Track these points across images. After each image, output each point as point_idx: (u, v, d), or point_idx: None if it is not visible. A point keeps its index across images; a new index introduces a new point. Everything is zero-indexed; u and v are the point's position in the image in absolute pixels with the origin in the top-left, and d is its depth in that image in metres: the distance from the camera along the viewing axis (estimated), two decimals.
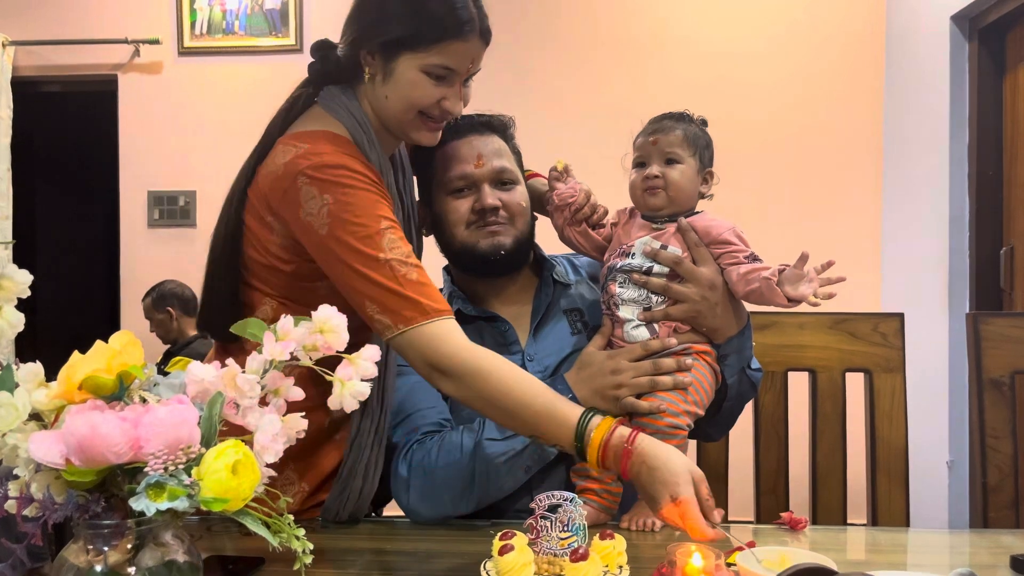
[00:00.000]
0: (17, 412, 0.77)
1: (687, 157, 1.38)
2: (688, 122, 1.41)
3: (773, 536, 1.31)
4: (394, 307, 1.21)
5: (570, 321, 1.50)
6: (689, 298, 1.34)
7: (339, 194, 1.23)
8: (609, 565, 0.89)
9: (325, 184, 1.23)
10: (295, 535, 0.82)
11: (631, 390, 1.33)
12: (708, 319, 1.35)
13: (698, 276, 1.34)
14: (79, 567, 0.77)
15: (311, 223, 1.24)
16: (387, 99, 1.31)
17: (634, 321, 1.36)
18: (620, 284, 1.38)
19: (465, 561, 1.16)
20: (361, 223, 1.23)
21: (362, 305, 1.23)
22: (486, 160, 1.45)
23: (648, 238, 1.38)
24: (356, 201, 1.23)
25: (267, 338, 0.89)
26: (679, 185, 1.38)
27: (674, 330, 1.36)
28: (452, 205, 1.46)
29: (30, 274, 0.92)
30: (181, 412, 0.77)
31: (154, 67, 3.97)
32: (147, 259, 3.97)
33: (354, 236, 1.22)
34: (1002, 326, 1.61)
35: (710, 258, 1.36)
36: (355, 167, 1.25)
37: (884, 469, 1.64)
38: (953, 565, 1.07)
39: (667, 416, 1.31)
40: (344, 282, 1.25)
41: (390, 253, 1.23)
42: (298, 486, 1.35)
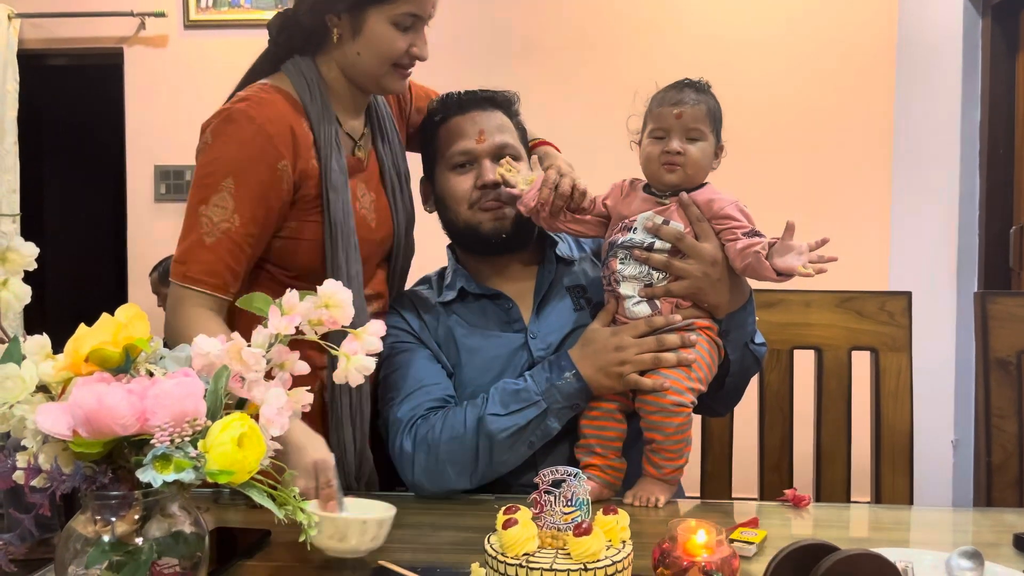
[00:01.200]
0: (24, 384, 0.78)
1: (708, 133, 1.35)
2: (709, 94, 1.37)
3: (776, 513, 1.32)
4: (180, 255, 1.32)
5: (573, 298, 1.49)
6: (691, 274, 1.33)
7: (219, 137, 1.32)
8: (612, 540, 0.89)
9: (221, 124, 1.33)
10: (300, 507, 0.83)
11: (634, 367, 1.33)
12: (710, 295, 1.34)
13: (700, 252, 1.33)
14: (87, 537, 0.78)
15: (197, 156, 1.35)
16: (359, 56, 1.36)
17: (635, 298, 1.35)
18: (621, 261, 1.36)
19: (469, 535, 1.17)
20: (210, 171, 1.32)
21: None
22: (488, 135, 1.45)
23: (650, 213, 1.36)
24: (223, 151, 1.31)
25: (272, 313, 0.89)
26: (700, 164, 1.35)
27: (676, 306, 1.35)
28: (454, 181, 1.46)
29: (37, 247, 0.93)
30: (187, 385, 0.77)
31: (159, 40, 3.95)
32: (154, 233, 3.96)
33: (198, 179, 1.33)
34: (1010, 305, 1.61)
35: (712, 233, 1.34)
36: (257, 123, 1.31)
37: (888, 448, 1.64)
38: (956, 543, 1.08)
39: (671, 393, 1.31)
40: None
41: (210, 210, 1.31)
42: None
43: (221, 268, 1.31)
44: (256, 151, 1.31)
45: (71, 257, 5.33)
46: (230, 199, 1.30)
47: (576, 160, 1.55)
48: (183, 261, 1.32)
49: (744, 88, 3.51)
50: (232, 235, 1.30)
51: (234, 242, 1.31)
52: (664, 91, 1.37)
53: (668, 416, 1.31)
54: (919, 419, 1.66)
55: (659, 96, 1.37)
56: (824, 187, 3.65)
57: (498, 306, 1.48)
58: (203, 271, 1.30)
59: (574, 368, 1.35)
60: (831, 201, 3.63)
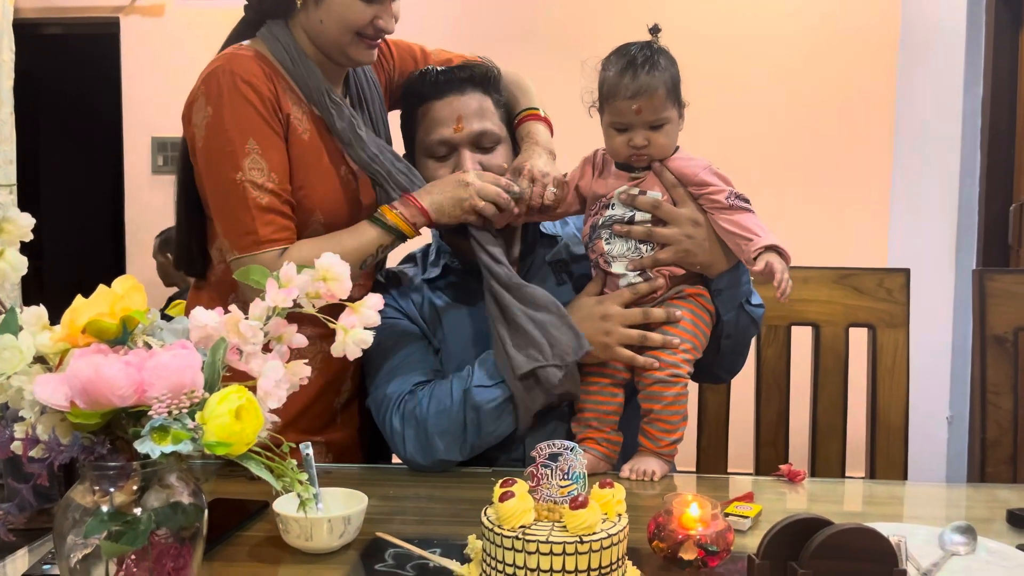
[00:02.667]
0: (22, 355, 0.78)
1: (671, 112, 1.32)
2: (660, 66, 1.29)
3: (771, 488, 1.33)
4: (233, 231, 1.30)
5: (555, 272, 1.49)
6: (674, 239, 1.33)
7: (221, 107, 1.30)
8: (608, 513, 0.90)
9: (214, 95, 1.30)
10: (298, 479, 0.83)
11: (618, 338, 1.33)
12: (698, 256, 1.34)
13: (678, 216, 1.33)
14: (86, 507, 0.78)
15: (194, 133, 1.33)
16: (322, 23, 1.35)
17: (628, 275, 1.35)
18: (607, 240, 1.36)
19: (466, 507, 1.17)
20: (229, 138, 1.29)
21: (217, 221, 1.33)
22: (466, 123, 1.42)
23: (624, 186, 1.35)
24: (233, 116, 1.29)
25: (270, 285, 0.89)
26: (667, 146, 1.33)
27: (670, 276, 1.35)
28: (433, 170, 1.44)
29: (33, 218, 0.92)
30: (184, 357, 0.77)
31: (156, 9, 3.91)
32: (152, 206, 3.95)
33: (218, 151, 1.30)
34: (1008, 283, 1.61)
35: (688, 198, 1.34)
36: (250, 80, 1.30)
37: (884, 424, 1.65)
38: (950, 518, 1.08)
39: (667, 366, 1.31)
40: (208, 196, 1.34)
41: (248, 174, 1.29)
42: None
43: (286, 222, 1.32)
44: (261, 106, 1.31)
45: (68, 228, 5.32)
46: (261, 159, 1.30)
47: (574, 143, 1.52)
48: (248, 231, 1.29)
49: (745, 63, 3.48)
50: (279, 192, 1.31)
51: (283, 198, 1.32)
52: (616, 74, 1.30)
53: (666, 386, 1.32)
54: (915, 395, 1.67)
55: (612, 81, 1.30)
56: (825, 163, 3.64)
57: (482, 282, 1.47)
58: (274, 231, 1.30)
59: None
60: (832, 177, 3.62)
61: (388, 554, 1.03)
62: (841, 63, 3.60)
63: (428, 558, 1.00)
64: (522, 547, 0.85)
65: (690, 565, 0.96)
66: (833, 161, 3.64)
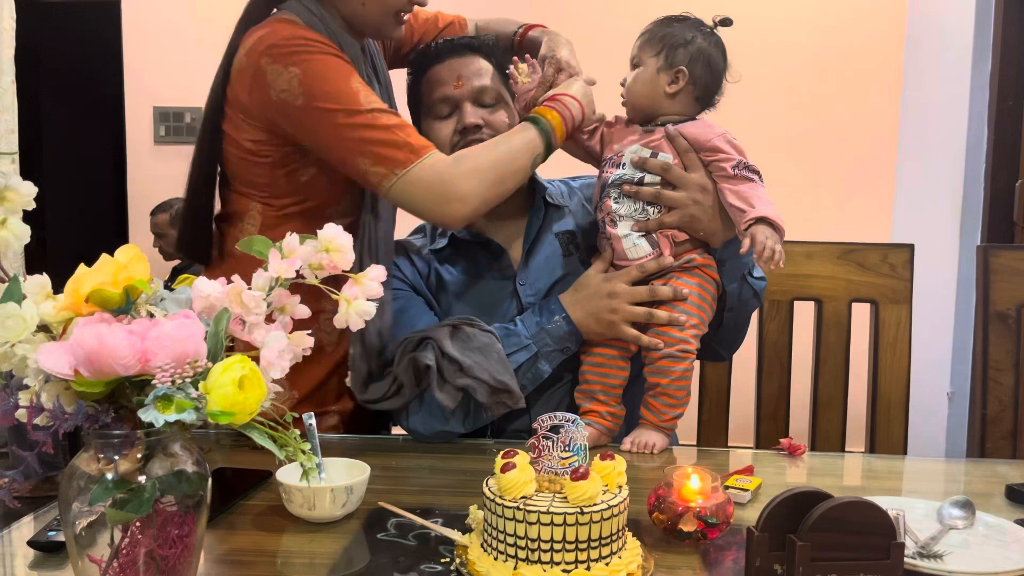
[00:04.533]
0: (25, 323, 0.78)
1: (647, 59, 1.36)
2: (668, 24, 1.37)
3: (771, 461, 1.34)
4: (388, 153, 1.27)
5: (562, 243, 1.49)
6: (681, 203, 1.33)
7: (305, 63, 1.27)
8: (609, 485, 0.91)
9: (288, 57, 1.27)
10: (301, 449, 0.84)
11: (625, 316, 1.33)
12: (703, 223, 1.34)
13: (687, 181, 1.33)
14: (90, 475, 0.78)
15: (284, 99, 1.27)
16: (363, 5, 1.35)
17: (632, 236, 1.35)
18: (615, 200, 1.36)
19: (468, 478, 1.18)
20: (334, 84, 1.27)
21: (353, 163, 1.28)
22: (465, 80, 1.44)
23: (637, 147, 1.36)
24: (323, 66, 1.27)
25: (272, 256, 0.89)
26: (632, 90, 1.37)
27: (675, 242, 1.34)
28: (436, 128, 1.44)
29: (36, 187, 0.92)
30: (187, 327, 0.77)
31: None
32: (154, 176, 3.94)
33: (331, 98, 1.27)
34: (1012, 259, 1.60)
35: (699, 164, 1.34)
36: (312, 36, 1.29)
37: (884, 399, 1.65)
38: (949, 493, 1.09)
39: (676, 341, 1.32)
40: (331, 145, 1.29)
41: (369, 103, 1.27)
42: (288, 393, 1.39)
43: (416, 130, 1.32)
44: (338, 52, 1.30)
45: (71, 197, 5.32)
46: (368, 93, 1.29)
47: None
48: (402, 144, 1.27)
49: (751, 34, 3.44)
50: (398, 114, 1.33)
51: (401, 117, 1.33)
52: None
53: (675, 361, 1.32)
54: (916, 370, 1.67)
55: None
56: (829, 137, 3.61)
57: (488, 253, 1.48)
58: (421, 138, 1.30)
59: (564, 312, 1.36)
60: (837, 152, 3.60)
61: (390, 524, 1.04)
62: (848, 38, 3.56)
63: (430, 528, 1.01)
64: (523, 517, 0.86)
65: (690, 537, 0.97)
66: (838, 136, 3.61)
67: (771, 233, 1.26)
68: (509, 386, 1.29)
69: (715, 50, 1.36)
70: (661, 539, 1.00)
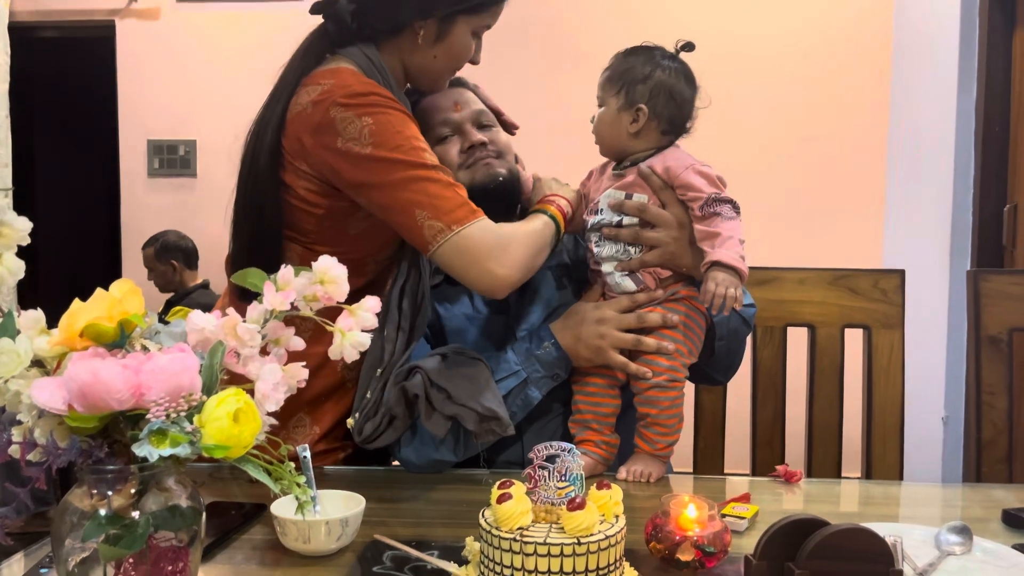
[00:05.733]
0: (19, 358, 0.78)
1: (608, 98, 1.36)
2: (626, 58, 1.37)
3: (768, 488, 1.33)
4: (447, 207, 1.26)
5: (555, 276, 1.49)
6: (661, 242, 1.33)
7: (377, 114, 1.27)
8: (605, 514, 0.90)
9: (361, 108, 1.27)
10: (296, 482, 0.83)
11: (613, 341, 1.33)
12: (684, 258, 1.34)
13: (664, 219, 1.33)
14: (83, 511, 0.78)
15: (351, 147, 1.27)
16: (435, 59, 1.38)
17: (616, 274, 1.36)
18: (597, 243, 1.37)
19: (464, 509, 1.17)
20: (405, 137, 1.27)
21: (410, 214, 1.27)
22: (463, 105, 1.46)
23: (611, 191, 1.36)
24: (394, 120, 1.28)
25: (267, 288, 0.89)
26: (598, 131, 1.38)
27: (658, 278, 1.35)
28: (441, 152, 1.43)
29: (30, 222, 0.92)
30: (182, 360, 0.77)
31: (151, 13, 3.91)
32: (147, 209, 3.95)
33: (400, 149, 1.27)
34: (1002, 283, 1.61)
35: (675, 199, 1.34)
36: (383, 91, 1.30)
37: (879, 424, 1.65)
38: (945, 518, 1.09)
39: (664, 371, 1.32)
40: (390, 195, 1.28)
41: (432, 162, 1.29)
42: (309, 429, 1.39)
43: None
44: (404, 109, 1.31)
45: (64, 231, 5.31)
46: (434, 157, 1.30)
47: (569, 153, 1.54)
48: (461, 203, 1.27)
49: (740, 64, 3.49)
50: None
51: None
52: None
53: (663, 390, 1.32)
54: (910, 396, 1.67)
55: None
56: (820, 164, 3.65)
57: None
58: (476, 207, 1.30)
59: (553, 338, 1.36)
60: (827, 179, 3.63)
61: (386, 556, 1.04)
62: (835, 65, 3.61)
63: (426, 560, 1.00)
64: (520, 549, 0.85)
65: (687, 566, 0.97)
66: (828, 163, 3.64)
67: (723, 278, 1.25)
68: (497, 413, 1.28)
69: (676, 80, 1.35)
70: (659, 568, 0.99)
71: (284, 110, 1.32)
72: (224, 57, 3.78)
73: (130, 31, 3.93)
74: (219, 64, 3.78)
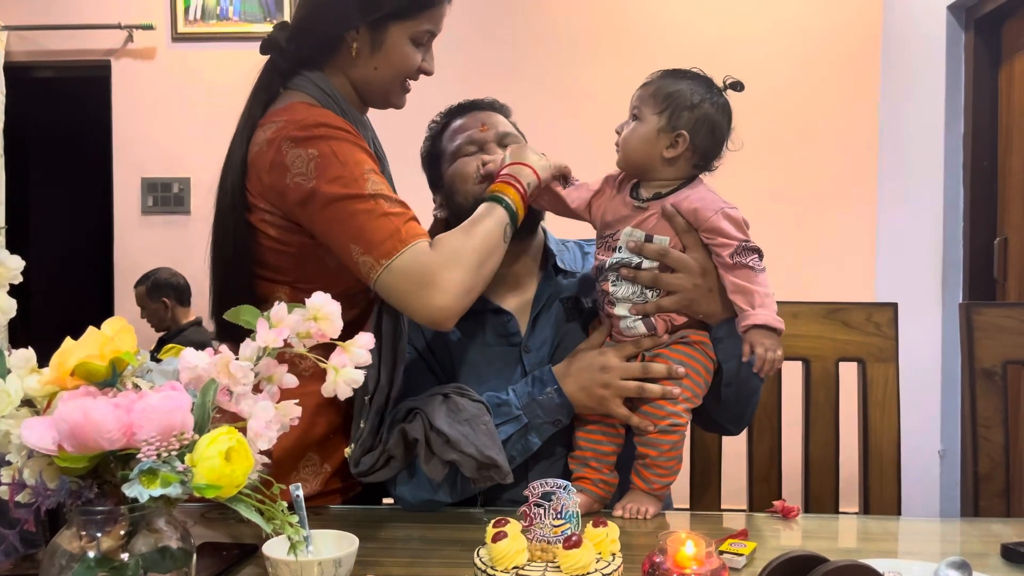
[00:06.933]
0: (9, 398, 0.77)
1: (648, 114, 1.31)
2: (677, 78, 1.33)
3: (766, 524, 1.32)
4: (376, 240, 1.23)
5: (566, 308, 1.47)
6: (681, 287, 1.31)
7: (322, 146, 1.26)
8: (602, 552, 0.89)
9: (308, 141, 1.26)
10: (288, 522, 0.82)
11: (616, 391, 1.31)
12: (702, 305, 1.32)
13: (687, 265, 1.31)
14: (72, 553, 0.77)
15: (299, 182, 1.26)
16: (376, 70, 1.36)
17: (629, 317, 1.33)
18: (613, 283, 1.34)
19: (459, 548, 1.16)
20: (347, 169, 1.26)
21: (348, 251, 1.25)
22: (490, 126, 1.49)
23: (630, 229, 1.32)
24: (339, 150, 1.26)
25: (260, 325, 0.89)
26: (627, 143, 1.32)
27: (670, 323, 1.33)
28: (461, 163, 1.46)
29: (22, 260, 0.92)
30: (174, 399, 0.76)
31: (147, 53, 3.95)
32: (141, 246, 3.95)
33: (339, 182, 1.25)
34: (994, 316, 1.62)
35: (699, 243, 1.31)
36: (333, 122, 1.29)
37: (876, 458, 1.64)
38: (944, 553, 1.08)
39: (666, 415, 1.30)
40: (329, 231, 1.27)
41: (375, 187, 1.26)
42: (320, 467, 1.37)
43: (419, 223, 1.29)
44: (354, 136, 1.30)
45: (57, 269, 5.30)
46: (378, 178, 1.27)
47: None
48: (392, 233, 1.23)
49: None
50: (402, 200, 1.29)
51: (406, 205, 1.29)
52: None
53: (664, 434, 1.31)
54: (906, 429, 1.67)
55: None
56: (810, 198, 3.68)
57: (496, 320, 1.47)
58: (415, 226, 1.27)
59: (556, 383, 1.34)
60: (817, 212, 3.66)
61: None
62: (823, 101, 3.66)
63: None
64: None
65: None
66: (819, 197, 3.68)
67: (770, 342, 1.25)
68: (496, 461, 1.27)
69: (721, 116, 1.33)
70: None
71: (245, 152, 1.33)
72: (218, 96, 3.80)
73: (126, 71, 3.97)
74: (214, 103, 3.81)
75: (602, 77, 3.67)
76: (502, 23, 3.77)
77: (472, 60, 3.62)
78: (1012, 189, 2.89)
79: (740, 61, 3.63)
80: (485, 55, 3.71)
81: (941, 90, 3.07)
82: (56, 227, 5.57)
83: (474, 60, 3.65)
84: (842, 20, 3.67)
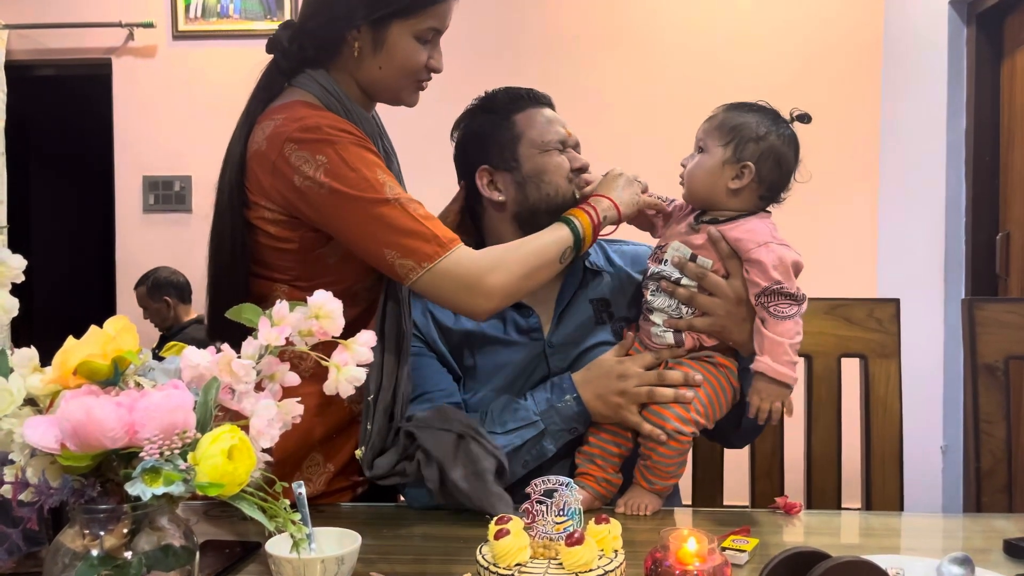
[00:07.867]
0: (12, 397, 0.77)
1: (714, 146, 1.32)
2: (743, 110, 1.34)
3: (768, 520, 1.32)
4: (414, 246, 1.25)
5: (595, 310, 1.47)
6: (715, 311, 1.31)
7: (330, 151, 1.25)
8: (604, 549, 0.89)
9: (314, 144, 1.25)
10: (291, 520, 0.82)
11: (631, 399, 1.31)
12: (734, 333, 1.32)
13: (722, 290, 1.31)
14: (75, 551, 0.77)
15: (309, 187, 1.25)
16: (380, 70, 1.35)
17: (661, 327, 1.34)
18: (652, 292, 1.35)
19: (461, 545, 1.16)
20: (360, 174, 1.25)
21: (379, 254, 1.26)
22: (573, 133, 1.49)
23: (678, 243, 1.34)
24: (348, 155, 1.25)
25: (262, 323, 0.89)
26: (692, 175, 1.34)
27: (700, 344, 1.33)
28: (558, 159, 1.44)
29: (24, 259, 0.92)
30: (176, 397, 0.76)
31: (148, 51, 3.95)
32: (142, 245, 3.95)
33: (357, 187, 1.24)
34: (997, 311, 1.62)
35: (741, 272, 1.31)
36: (337, 124, 1.28)
37: (878, 454, 1.64)
38: (947, 549, 1.08)
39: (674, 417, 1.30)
40: (357, 236, 1.27)
41: (394, 192, 1.26)
42: (323, 467, 1.37)
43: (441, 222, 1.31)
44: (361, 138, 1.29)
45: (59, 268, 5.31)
46: (392, 181, 1.27)
47: None
48: (430, 237, 1.25)
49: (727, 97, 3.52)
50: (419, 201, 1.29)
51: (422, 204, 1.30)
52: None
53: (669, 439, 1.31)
54: (908, 425, 1.67)
55: None
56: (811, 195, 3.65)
57: (519, 314, 1.46)
58: (448, 231, 1.28)
59: (575, 391, 1.34)
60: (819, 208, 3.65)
61: None
62: (824, 96, 3.65)
63: None
64: None
65: None
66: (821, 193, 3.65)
67: (768, 392, 1.26)
68: (496, 510, 1.24)
69: (788, 148, 1.34)
70: None
71: (244, 149, 1.32)
72: (220, 94, 3.80)
73: (127, 69, 3.96)
74: (215, 101, 3.81)
75: (603, 77, 3.66)
76: (502, 23, 3.77)
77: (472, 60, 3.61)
78: (1014, 184, 2.88)
79: (740, 59, 3.65)
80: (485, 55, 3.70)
81: (943, 85, 3.06)
82: (57, 226, 5.58)
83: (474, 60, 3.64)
84: (843, 16, 3.66)
